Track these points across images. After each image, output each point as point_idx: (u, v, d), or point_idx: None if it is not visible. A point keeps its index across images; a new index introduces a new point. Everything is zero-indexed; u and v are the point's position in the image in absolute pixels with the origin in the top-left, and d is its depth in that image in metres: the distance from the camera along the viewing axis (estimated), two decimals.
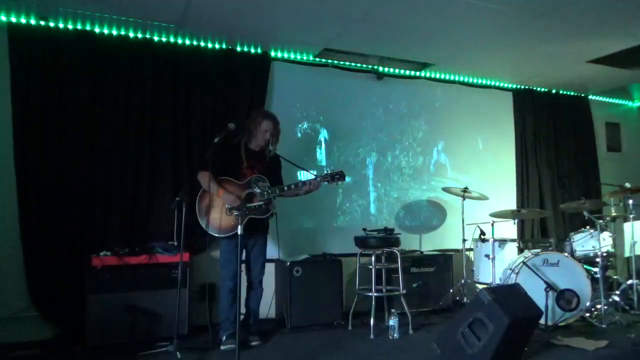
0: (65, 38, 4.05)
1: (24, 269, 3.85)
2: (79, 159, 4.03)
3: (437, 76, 5.73)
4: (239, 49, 4.71)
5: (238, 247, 3.57)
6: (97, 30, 4.17)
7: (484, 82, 6.00)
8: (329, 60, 5.17)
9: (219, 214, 3.59)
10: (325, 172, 3.89)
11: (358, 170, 5.27)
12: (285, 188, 3.70)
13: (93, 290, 3.67)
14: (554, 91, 6.41)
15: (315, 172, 3.87)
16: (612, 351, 3.48)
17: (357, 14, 4.07)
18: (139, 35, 4.33)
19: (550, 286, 4.06)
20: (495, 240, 4.67)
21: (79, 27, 4.11)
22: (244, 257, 3.88)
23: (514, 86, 6.18)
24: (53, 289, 3.84)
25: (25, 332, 3.83)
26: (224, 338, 3.67)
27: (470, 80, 5.92)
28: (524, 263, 4.19)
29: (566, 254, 4.36)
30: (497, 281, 4.55)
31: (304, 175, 3.94)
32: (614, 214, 4.80)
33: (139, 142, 4.25)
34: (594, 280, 4.29)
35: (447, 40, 4.67)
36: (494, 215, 4.77)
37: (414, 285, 4.73)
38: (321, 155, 5.09)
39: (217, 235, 3.63)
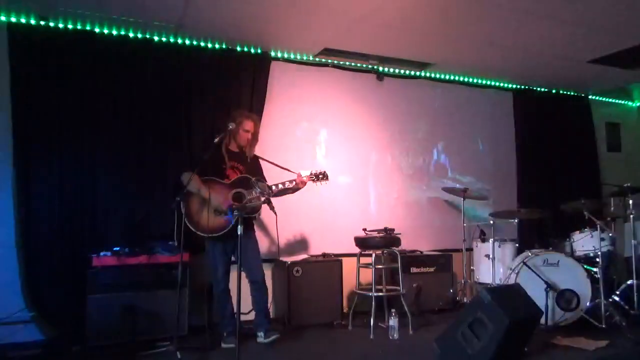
0: (65, 38, 4.05)
1: (24, 269, 3.85)
2: (80, 158, 4.03)
3: (437, 76, 5.73)
4: (239, 49, 4.71)
5: (223, 249, 3.62)
6: (97, 30, 4.17)
7: (484, 82, 6.00)
8: (329, 60, 5.17)
9: (204, 215, 3.58)
10: (310, 172, 3.88)
11: (358, 170, 5.27)
12: (274, 187, 3.72)
13: (93, 291, 3.67)
14: (554, 91, 6.41)
15: (301, 172, 3.87)
16: (612, 351, 3.48)
17: (357, 14, 4.07)
18: (139, 35, 4.33)
19: (550, 286, 4.06)
20: (495, 240, 4.67)
21: (79, 27, 4.11)
22: (233, 259, 3.88)
23: (514, 86, 6.18)
24: (53, 289, 3.84)
25: (25, 332, 3.83)
26: (224, 334, 3.70)
27: (470, 80, 5.92)
28: (524, 263, 4.19)
29: (566, 254, 4.36)
30: (497, 281, 4.55)
31: (288, 175, 3.93)
32: (614, 214, 4.79)
33: (139, 141, 4.24)
34: (594, 280, 4.29)
35: (447, 40, 4.67)
36: (494, 215, 4.76)
37: (414, 285, 4.73)
38: (321, 155, 5.09)
39: (205, 235, 3.61)
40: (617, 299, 4.46)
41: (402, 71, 5.53)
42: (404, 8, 3.97)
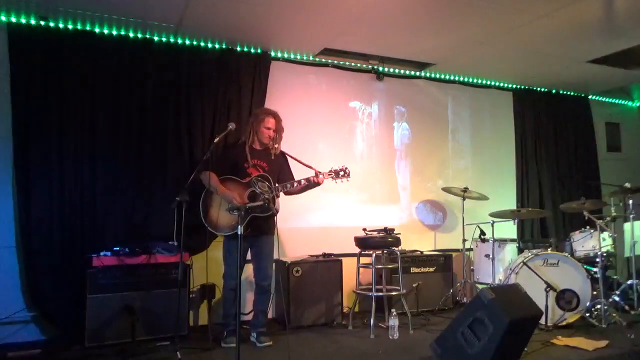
0: (65, 38, 4.05)
1: (24, 269, 3.85)
2: (80, 158, 4.02)
3: (437, 76, 5.73)
4: (239, 49, 4.71)
5: (239, 246, 3.60)
6: (97, 30, 4.17)
7: (484, 82, 6.00)
8: (329, 60, 5.17)
9: (220, 213, 3.61)
10: (331, 169, 3.82)
11: (358, 170, 5.27)
12: (289, 186, 3.71)
13: (93, 291, 3.66)
14: (554, 91, 6.40)
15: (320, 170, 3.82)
16: (612, 351, 3.47)
17: (357, 14, 4.07)
18: (139, 35, 4.32)
19: (550, 286, 4.06)
20: (495, 240, 4.67)
21: (79, 27, 4.11)
22: (249, 257, 3.89)
23: (514, 86, 6.18)
24: (53, 289, 3.83)
25: (25, 332, 3.84)
26: (225, 334, 3.70)
27: (470, 80, 5.92)
28: (524, 263, 4.19)
29: (566, 254, 4.36)
30: (497, 281, 4.55)
31: (309, 172, 3.89)
32: (614, 214, 4.79)
33: (139, 142, 4.24)
34: (594, 280, 4.29)
35: (447, 40, 4.67)
36: (494, 215, 4.76)
37: (414, 285, 4.73)
38: (321, 155, 5.08)
39: (218, 233, 3.66)
40: (617, 299, 4.47)
41: (402, 71, 5.53)
42: (403, 8, 3.97)
